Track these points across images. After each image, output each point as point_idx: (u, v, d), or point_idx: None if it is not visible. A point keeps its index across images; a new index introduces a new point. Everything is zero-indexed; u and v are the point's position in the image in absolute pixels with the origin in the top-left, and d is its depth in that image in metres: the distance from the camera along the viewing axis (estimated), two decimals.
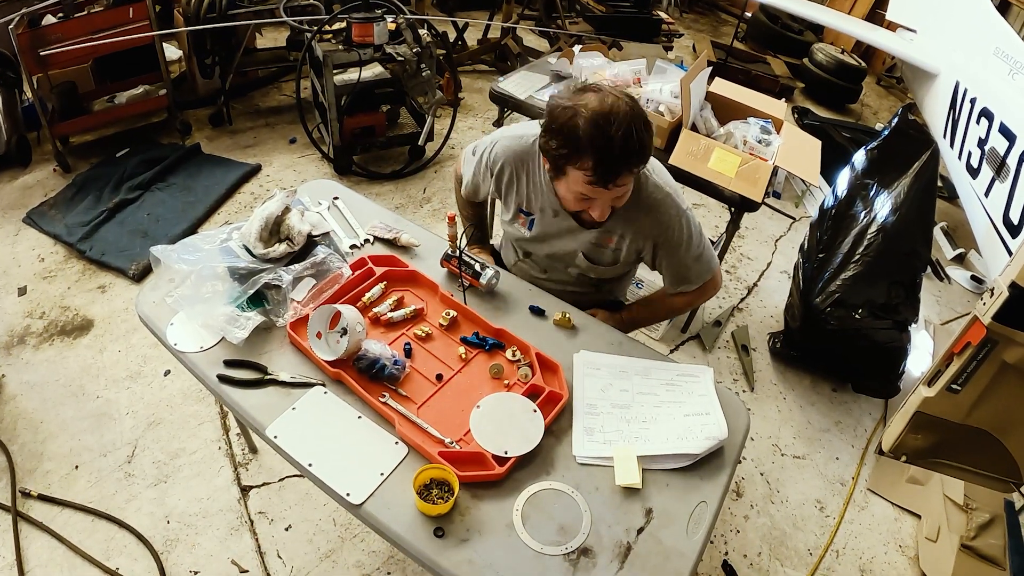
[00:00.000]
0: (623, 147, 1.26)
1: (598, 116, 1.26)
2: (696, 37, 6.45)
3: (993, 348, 2.16)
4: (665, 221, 1.53)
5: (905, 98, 5.75)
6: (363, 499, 1.17)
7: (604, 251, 1.63)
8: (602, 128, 1.25)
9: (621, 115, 1.27)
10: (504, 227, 1.82)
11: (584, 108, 1.28)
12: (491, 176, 1.68)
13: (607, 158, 1.27)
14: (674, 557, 1.15)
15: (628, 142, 1.26)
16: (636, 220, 1.55)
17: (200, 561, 1.97)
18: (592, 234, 1.60)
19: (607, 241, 1.61)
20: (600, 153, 1.27)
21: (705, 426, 1.34)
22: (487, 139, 1.71)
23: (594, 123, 1.26)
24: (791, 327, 2.84)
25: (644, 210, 1.52)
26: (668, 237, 1.56)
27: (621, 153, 1.27)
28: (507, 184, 1.67)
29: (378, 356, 1.37)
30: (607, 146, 1.26)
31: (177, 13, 3.69)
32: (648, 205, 1.52)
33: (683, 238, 1.56)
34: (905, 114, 3.10)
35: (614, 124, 1.25)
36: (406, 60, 3.36)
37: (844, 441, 2.64)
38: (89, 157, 3.58)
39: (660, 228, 1.54)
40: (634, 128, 1.27)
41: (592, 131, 1.26)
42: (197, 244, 1.58)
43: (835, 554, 2.24)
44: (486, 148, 1.69)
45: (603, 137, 1.26)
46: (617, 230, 1.58)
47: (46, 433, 2.26)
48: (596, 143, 1.27)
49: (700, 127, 2.59)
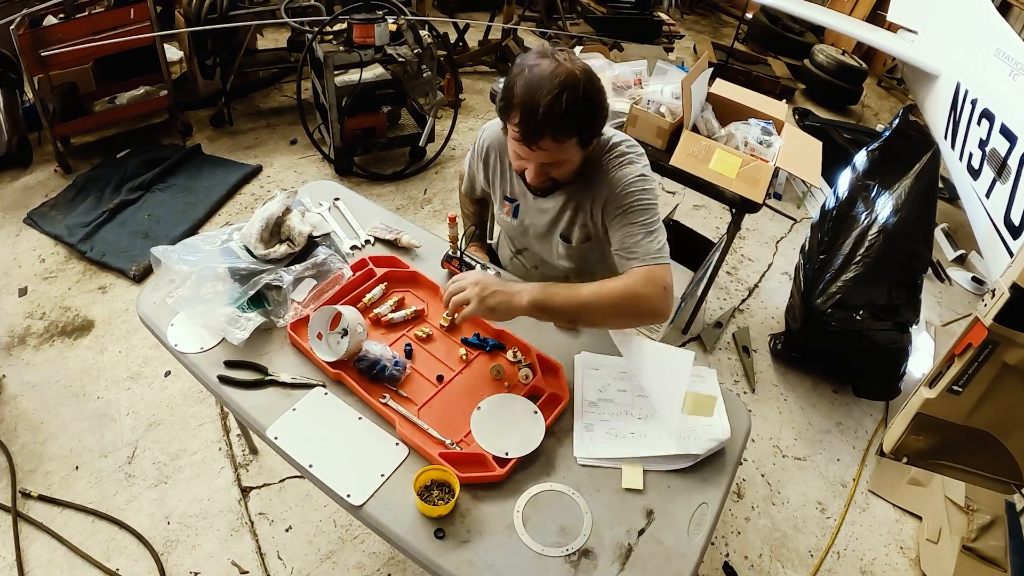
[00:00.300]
0: (547, 111, 1.26)
1: (535, 78, 1.28)
2: (697, 38, 6.45)
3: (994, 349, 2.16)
4: (621, 179, 1.45)
5: (906, 99, 5.75)
6: (364, 500, 1.17)
7: (574, 228, 1.59)
8: (534, 90, 1.27)
9: (558, 81, 1.27)
10: (498, 223, 1.83)
11: (529, 70, 1.31)
12: (480, 162, 1.70)
13: (530, 119, 1.29)
14: (675, 559, 1.15)
15: (553, 107, 1.26)
16: (596, 186, 1.50)
17: (200, 562, 1.97)
18: (566, 214, 1.58)
19: (575, 218, 1.58)
20: (525, 113, 1.29)
21: (707, 427, 1.34)
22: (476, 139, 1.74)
23: (528, 84, 1.29)
24: (792, 328, 2.83)
25: (603, 174, 1.49)
26: (621, 196, 1.45)
27: (544, 116, 1.27)
28: (493, 169, 1.67)
29: (379, 357, 1.37)
30: (532, 107, 1.27)
31: (178, 14, 3.69)
32: (607, 168, 1.48)
33: (636, 201, 1.44)
34: (906, 115, 3.10)
35: (546, 88, 1.27)
36: (407, 61, 3.36)
37: (845, 443, 2.64)
38: (90, 158, 3.58)
39: (615, 187, 1.46)
40: (565, 96, 1.27)
41: (524, 91, 1.29)
42: (198, 245, 1.58)
43: (836, 556, 2.24)
44: (477, 138, 1.71)
45: (531, 99, 1.27)
46: (584, 204, 1.54)
47: (46, 434, 2.26)
48: (524, 103, 1.29)
49: (701, 128, 2.59)
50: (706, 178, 2.38)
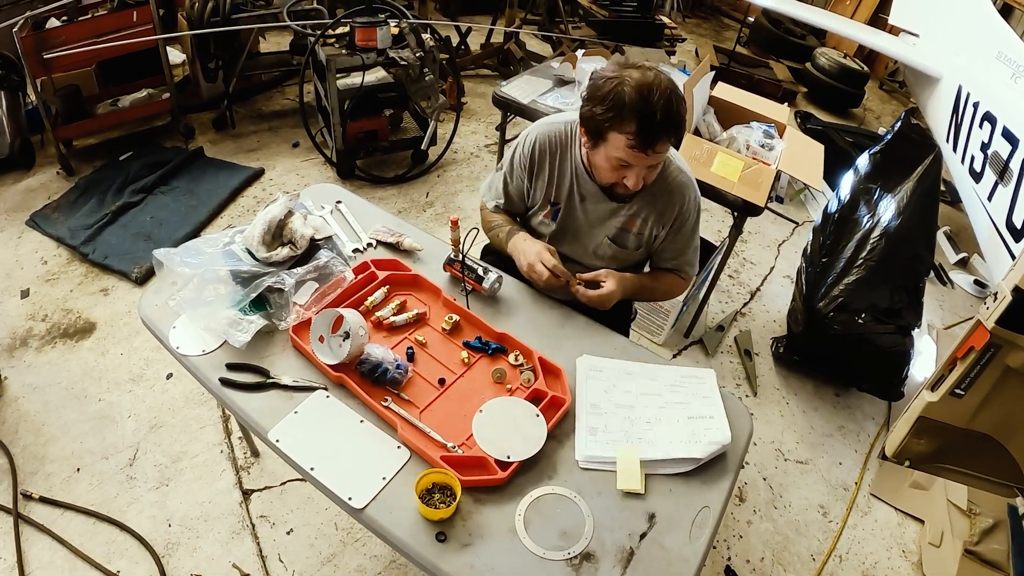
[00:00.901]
0: (665, 114, 1.36)
1: (643, 85, 1.36)
2: (699, 42, 6.46)
3: (996, 352, 2.17)
4: (684, 204, 1.63)
5: (908, 102, 5.75)
6: (365, 503, 1.17)
7: (628, 235, 1.68)
8: (646, 96, 1.35)
9: (663, 87, 1.37)
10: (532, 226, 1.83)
11: (629, 78, 1.38)
12: (526, 166, 1.70)
13: (649, 123, 1.36)
14: (677, 562, 1.15)
15: (669, 110, 1.36)
16: (659, 201, 1.63)
17: (201, 565, 1.96)
18: (619, 219, 1.66)
19: (631, 225, 1.66)
20: (643, 118, 1.36)
21: (708, 431, 1.34)
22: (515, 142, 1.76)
23: (639, 91, 1.36)
24: (794, 332, 2.83)
25: (667, 192, 1.61)
26: (683, 219, 1.66)
27: (662, 120, 1.36)
28: (539, 171, 1.70)
29: (380, 360, 1.37)
30: (650, 112, 1.35)
31: (181, 17, 3.70)
32: (672, 187, 1.61)
33: (692, 222, 1.69)
34: (908, 118, 3.10)
35: (656, 93, 1.35)
36: (409, 64, 3.37)
37: (847, 446, 2.63)
38: (92, 160, 3.59)
39: (679, 210, 1.64)
40: (673, 99, 1.37)
41: (637, 98, 1.36)
42: (200, 247, 1.58)
43: (838, 559, 2.23)
44: (518, 146, 1.73)
45: (646, 104, 1.35)
46: (642, 212, 1.65)
47: (48, 435, 2.26)
48: (640, 109, 1.36)
49: (703, 131, 2.59)
50: (708, 181, 2.39)
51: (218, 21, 3.48)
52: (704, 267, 2.84)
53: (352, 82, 3.49)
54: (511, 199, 1.80)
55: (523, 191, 1.76)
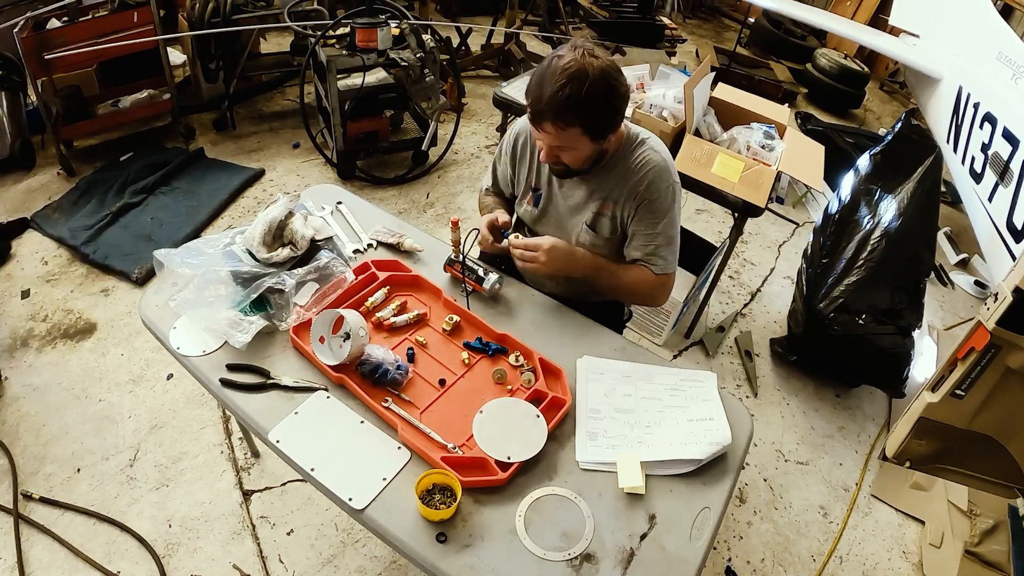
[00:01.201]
0: (550, 98, 1.37)
1: (550, 69, 1.39)
2: (699, 42, 6.46)
3: (997, 353, 2.17)
4: (650, 181, 1.57)
5: (908, 103, 5.75)
6: (365, 504, 1.17)
7: (603, 219, 1.66)
8: (545, 77, 1.38)
9: (569, 72, 1.36)
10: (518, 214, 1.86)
11: (550, 62, 1.41)
12: (508, 153, 1.77)
13: (536, 103, 1.41)
14: (677, 563, 1.15)
15: (556, 95, 1.36)
16: (628, 180, 1.59)
17: (202, 565, 1.96)
18: (594, 203, 1.65)
19: (605, 208, 1.64)
20: (534, 96, 1.42)
21: (709, 432, 1.34)
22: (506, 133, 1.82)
23: (543, 73, 1.40)
24: (794, 332, 2.83)
25: (635, 171, 1.58)
26: (649, 200, 1.58)
27: (547, 102, 1.38)
28: (520, 157, 1.75)
29: (381, 361, 1.37)
30: (539, 94, 1.39)
31: (181, 18, 3.70)
32: (639, 166, 1.58)
33: (663, 210, 1.60)
34: (908, 119, 3.10)
35: (556, 77, 1.36)
36: (410, 65, 3.37)
37: (848, 447, 2.63)
38: (93, 161, 3.59)
39: (644, 187, 1.58)
40: (569, 87, 1.35)
41: (539, 77, 1.41)
42: (200, 248, 1.58)
43: (839, 560, 2.23)
44: (507, 132, 1.79)
45: (540, 85, 1.39)
46: (613, 194, 1.62)
47: (48, 436, 2.27)
48: (534, 88, 1.41)
49: (703, 132, 2.59)
50: (708, 182, 2.39)
51: (219, 22, 3.48)
52: (704, 268, 2.84)
53: (353, 83, 3.50)
54: (498, 183, 1.88)
55: (508, 177, 1.82)
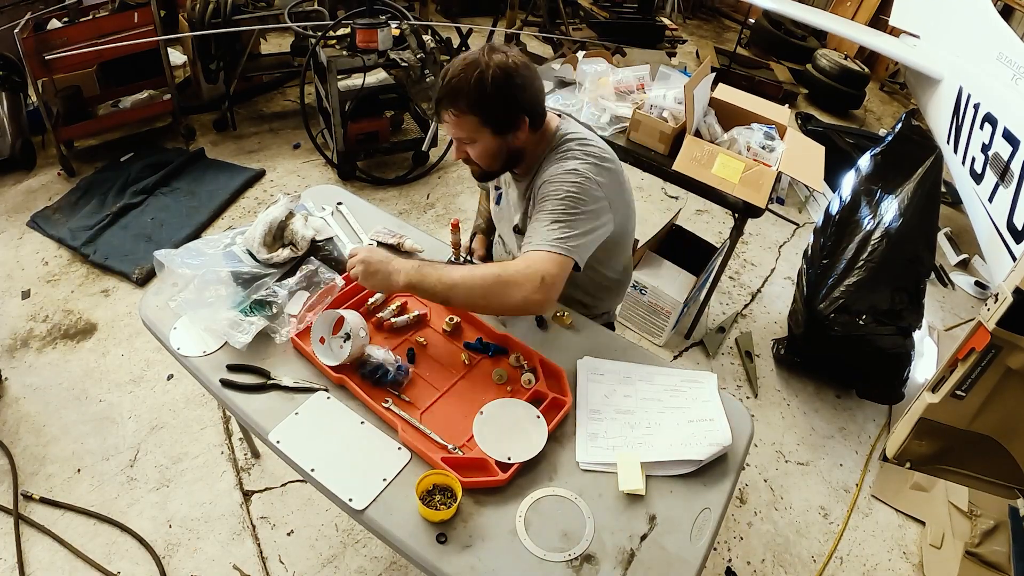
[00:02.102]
0: (444, 86, 1.41)
1: (453, 62, 1.42)
2: (699, 43, 6.46)
3: (997, 354, 2.17)
4: (552, 168, 1.46)
5: (908, 104, 5.75)
6: (365, 505, 1.17)
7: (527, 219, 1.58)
8: (448, 71, 1.41)
9: (463, 64, 1.39)
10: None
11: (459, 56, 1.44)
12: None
13: (437, 92, 1.44)
14: (677, 564, 1.15)
15: (449, 83, 1.39)
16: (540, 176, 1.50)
17: (202, 566, 1.96)
18: (524, 203, 1.59)
19: (528, 210, 1.56)
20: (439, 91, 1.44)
21: (709, 432, 1.34)
22: None
23: (448, 65, 1.43)
24: (795, 333, 2.83)
25: (548, 166, 1.49)
26: (544, 186, 1.44)
27: (442, 92, 1.41)
28: None
29: (381, 361, 1.37)
30: (440, 84, 1.42)
31: (182, 18, 3.71)
32: (549, 163, 1.49)
33: (554, 191, 1.41)
34: (908, 120, 3.10)
35: (453, 69, 1.40)
36: (410, 66, 3.37)
37: (848, 447, 2.63)
38: (93, 161, 3.60)
39: (546, 173, 1.46)
40: (462, 75, 1.38)
41: (445, 69, 1.43)
42: (201, 249, 1.58)
43: (839, 561, 2.23)
44: None
45: (443, 75, 1.42)
46: (533, 196, 1.51)
47: (48, 436, 2.27)
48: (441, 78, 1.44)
49: (704, 133, 2.59)
50: (709, 183, 2.39)
51: (219, 22, 3.49)
52: (705, 268, 2.84)
53: (353, 83, 3.50)
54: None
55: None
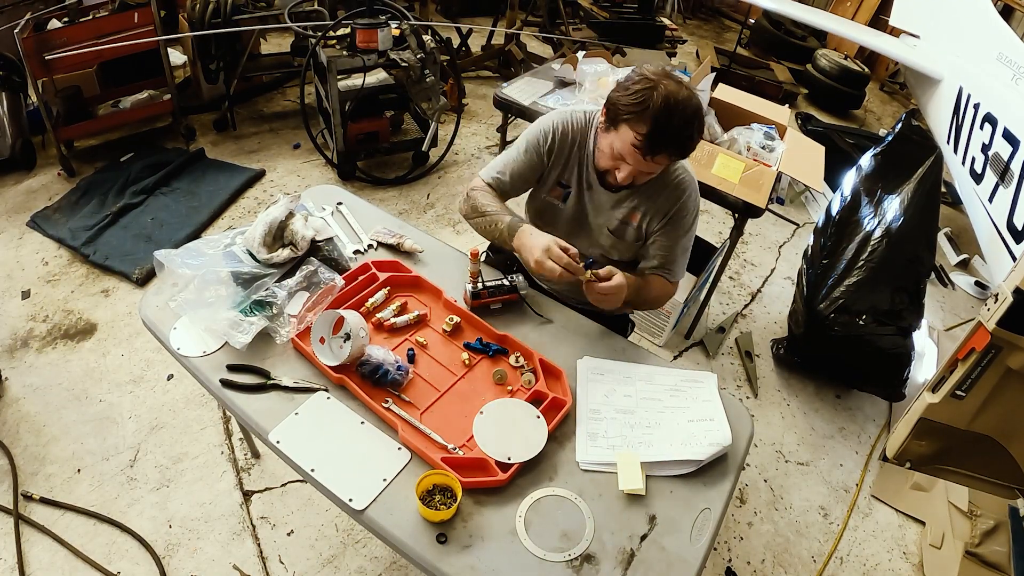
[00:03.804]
0: (677, 132, 1.41)
1: (672, 97, 1.40)
2: (699, 43, 6.46)
3: (997, 354, 2.17)
4: (683, 202, 1.64)
5: (908, 104, 5.75)
6: (365, 505, 1.17)
7: (628, 228, 1.68)
8: (670, 108, 1.39)
9: (690, 108, 1.41)
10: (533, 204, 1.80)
11: (664, 87, 1.41)
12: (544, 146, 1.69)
13: (659, 134, 1.41)
14: (677, 564, 1.15)
15: (683, 131, 1.42)
16: (660, 197, 1.64)
17: (202, 566, 1.96)
18: (621, 211, 1.67)
19: (632, 218, 1.67)
20: (656, 127, 1.40)
21: (709, 432, 1.34)
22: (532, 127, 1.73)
23: (666, 101, 1.39)
24: (795, 333, 2.83)
25: (669, 188, 1.63)
26: (678, 217, 1.65)
27: (673, 136, 1.42)
28: (558, 152, 1.70)
29: (381, 361, 1.37)
30: (666, 124, 1.40)
31: (182, 18, 3.71)
32: (674, 184, 1.63)
33: (687, 226, 1.67)
34: (908, 120, 3.10)
35: (679, 110, 1.40)
36: (410, 66, 3.37)
37: (848, 447, 2.63)
38: (93, 161, 3.60)
39: (676, 206, 1.64)
40: (695, 123, 1.42)
41: (661, 107, 1.39)
42: (201, 249, 1.58)
43: (839, 561, 2.23)
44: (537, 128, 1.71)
45: (666, 115, 1.39)
46: (642, 207, 1.66)
47: (48, 436, 2.27)
48: (657, 117, 1.40)
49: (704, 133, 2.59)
50: (709, 183, 2.39)
51: (219, 22, 3.48)
52: (705, 269, 2.84)
53: (353, 83, 3.50)
54: (512, 177, 1.72)
55: (528, 173, 1.71)
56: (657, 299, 1.74)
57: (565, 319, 1.63)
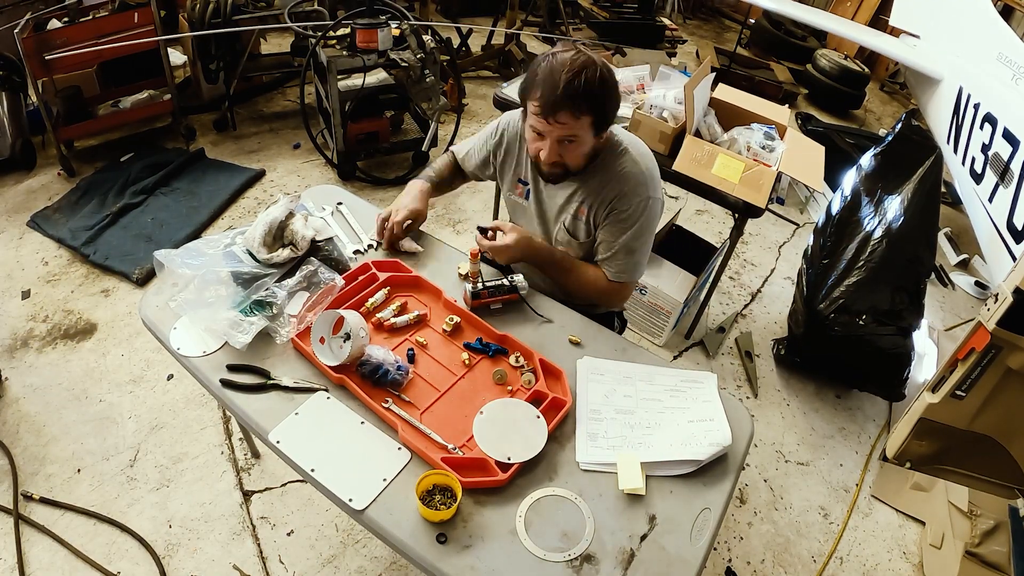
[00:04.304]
0: (567, 86, 1.41)
1: (557, 62, 1.43)
2: (699, 43, 6.47)
3: (997, 354, 2.17)
4: (623, 192, 1.60)
5: (908, 104, 5.75)
6: (365, 505, 1.17)
7: (579, 223, 1.68)
8: (556, 70, 1.42)
9: (577, 64, 1.42)
10: (507, 204, 1.88)
11: (553, 56, 1.46)
12: (494, 139, 1.80)
13: (551, 93, 1.43)
14: (677, 564, 1.15)
15: (572, 83, 1.41)
16: (605, 189, 1.62)
17: (202, 566, 1.96)
18: (572, 205, 1.67)
19: (581, 212, 1.67)
20: (546, 87, 1.43)
21: (709, 432, 1.34)
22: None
23: (551, 65, 1.44)
24: (795, 333, 2.83)
25: (613, 179, 1.61)
26: (618, 210, 1.61)
27: (563, 91, 1.41)
28: (507, 148, 1.78)
29: (381, 361, 1.37)
30: (554, 83, 1.42)
31: (182, 18, 3.71)
32: (618, 175, 1.61)
33: (629, 224, 1.62)
34: (908, 120, 3.10)
35: (566, 69, 1.41)
36: (410, 66, 3.37)
37: (848, 447, 2.63)
38: (93, 161, 3.60)
39: (620, 197, 1.60)
40: (584, 76, 1.41)
41: (547, 71, 1.44)
42: (201, 249, 1.58)
43: (839, 561, 2.23)
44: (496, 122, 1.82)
45: (553, 76, 1.42)
46: (588, 199, 1.65)
47: (48, 436, 2.27)
48: (546, 80, 1.43)
49: (704, 133, 2.59)
50: (709, 183, 2.39)
51: (219, 22, 3.49)
52: (705, 269, 2.84)
53: (353, 83, 3.50)
54: (471, 159, 1.90)
55: (480, 162, 1.86)
56: (594, 293, 1.71)
57: (565, 319, 1.63)
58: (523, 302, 1.63)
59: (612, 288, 1.69)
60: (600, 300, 1.76)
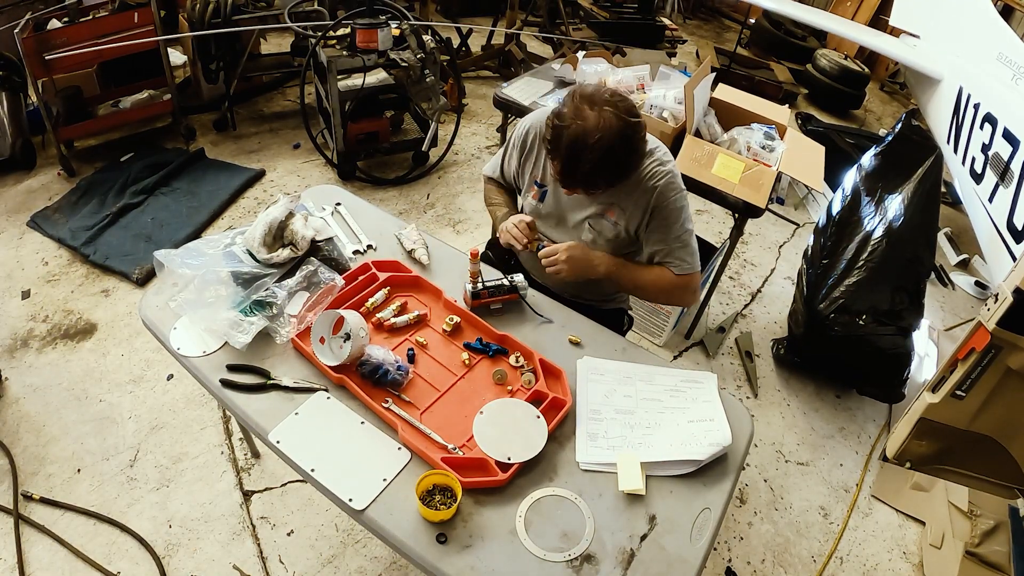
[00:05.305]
0: (586, 174, 1.45)
1: (581, 137, 1.41)
2: (699, 43, 6.47)
3: (997, 354, 2.16)
4: (664, 194, 1.61)
5: (908, 104, 5.75)
6: (365, 505, 1.17)
7: (605, 222, 1.69)
8: (578, 151, 1.42)
9: (601, 145, 1.41)
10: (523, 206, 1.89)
11: (577, 124, 1.42)
12: (517, 146, 1.80)
13: (570, 174, 1.48)
14: (677, 564, 1.15)
15: (592, 171, 1.44)
16: (634, 193, 1.63)
17: (202, 566, 1.96)
18: (596, 205, 1.68)
19: (609, 213, 1.68)
20: (567, 168, 1.47)
21: (709, 432, 1.34)
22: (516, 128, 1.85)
23: (574, 142, 1.42)
24: (795, 333, 2.83)
25: (646, 183, 1.62)
26: (663, 209, 1.62)
27: (582, 177, 1.47)
28: (528, 152, 1.78)
29: (381, 361, 1.37)
30: (575, 166, 1.44)
31: (182, 18, 3.71)
32: (649, 178, 1.62)
33: (676, 216, 1.64)
34: (908, 120, 3.10)
35: (588, 151, 1.41)
36: (410, 66, 3.37)
37: (848, 447, 2.63)
38: (93, 161, 3.60)
39: (659, 200, 1.62)
40: (607, 160, 1.42)
41: (570, 147, 1.43)
42: (201, 249, 1.58)
43: (839, 561, 2.23)
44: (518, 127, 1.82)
45: (575, 158, 1.43)
46: (619, 204, 1.66)
47: (48, 436, 2.27)
48: (568, 158, 1.45)
49: (704, 133, 2.59)
50: (709, 183, 2.39)
51: (219, 22, 3.48)
52: (705, 269, 2.84)
53: (353, 83, 3.50)
54: (502, 173, 1.92)
55: (514, 171, 1.85)
56: (665, 290, 1.71)
57: (565, 319, 1.63)
58: (523, 302, 1.63)
59: (682, 281, 1.69)
60: (672, 298, 1.76)
